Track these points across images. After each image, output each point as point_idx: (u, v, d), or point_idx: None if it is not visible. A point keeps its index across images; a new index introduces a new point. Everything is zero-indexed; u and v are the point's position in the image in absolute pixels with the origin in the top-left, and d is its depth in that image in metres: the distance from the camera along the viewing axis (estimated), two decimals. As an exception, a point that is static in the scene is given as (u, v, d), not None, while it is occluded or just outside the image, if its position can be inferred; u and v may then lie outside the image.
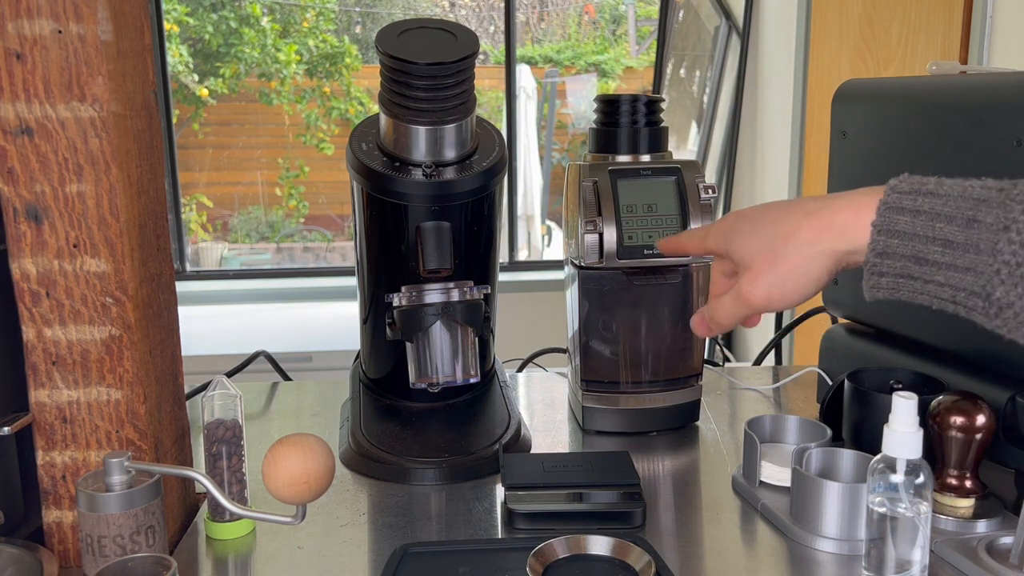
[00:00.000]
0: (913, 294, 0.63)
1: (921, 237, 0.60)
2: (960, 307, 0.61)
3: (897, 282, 0.63)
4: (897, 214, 0.61)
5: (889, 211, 0.62)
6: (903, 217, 0.61)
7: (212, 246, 5.17)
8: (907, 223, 0.61)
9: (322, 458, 0.70)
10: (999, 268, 0.57)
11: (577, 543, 0.77)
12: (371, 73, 5.09)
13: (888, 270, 0.62)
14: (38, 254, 0.74)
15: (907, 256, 0.61)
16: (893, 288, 0.63)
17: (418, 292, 0.95)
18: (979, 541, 0.78)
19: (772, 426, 0.98)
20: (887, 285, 0.63)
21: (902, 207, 0.61)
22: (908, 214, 0.61)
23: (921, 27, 2.33)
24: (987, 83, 0.94)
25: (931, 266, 0.60)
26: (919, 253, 0.61)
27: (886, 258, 0.62)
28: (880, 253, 0.62)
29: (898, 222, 0.61)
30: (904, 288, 0.63)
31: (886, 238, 0.62)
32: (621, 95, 1.06)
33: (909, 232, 0.61)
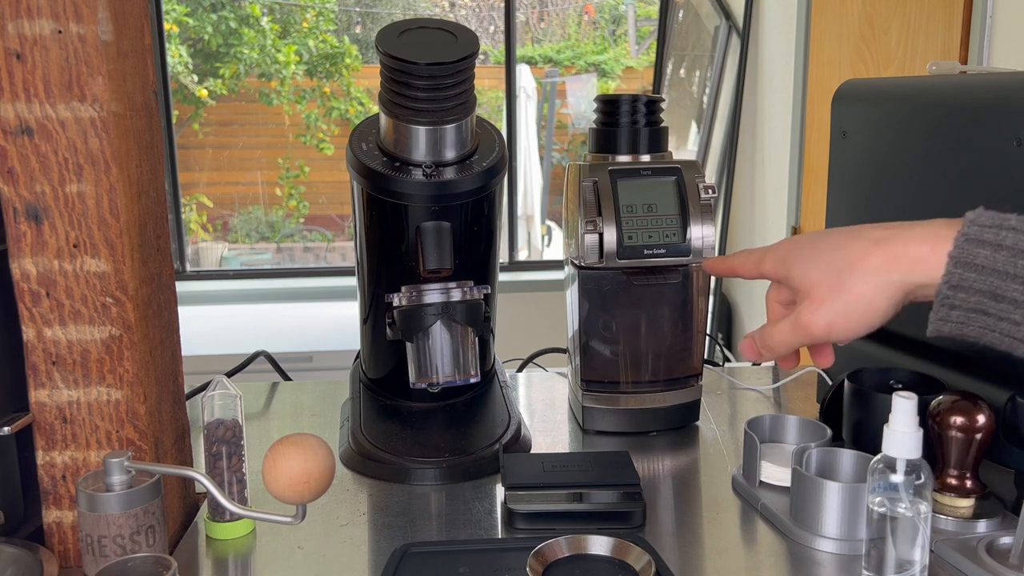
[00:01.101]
0: (983, 331, 0.60)
1: (1001, 273, 0.58)
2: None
3: (968, 316, 0.60)
4: (977, 247, 0.59)
5: (968, 243, 0.60)
6: (983, 251, 0.59)
7: (212, 246, 5.17)
8: (987, 257, 0.59)
9: (322, 458, 0.70)
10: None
11: (577, 543, 0.77)
12: (371, 73, 5.09)
13: (960, 303, 0.60)
14: (38, 254, 0.74)
15: (983, 291, 0.59)
16: (963, 323, 0.61)
17: (418, 292, 0.95)
18: (979, 541, 0.78)
19: (772, 426, 0.98)
20: (957, 319, 0.61)
21: (983, 240, 0.59)
22: (989, 247, 0.59)
23: (921, 27, 2.33)
24: (987, 83, 0.94)
25: (1008, 303, 0.58)
26: (997, 289, 0.58)
27: (960, 291, 0.60)
28: (954, 286, 0.60)
29: (977, 255, 0.59)
30: (975, 323, 0.60)
31: (963, 271, 0.59)
32: (621, 95, 1.06)
33: (989, 267, 0.59)
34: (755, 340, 0.71)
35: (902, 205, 1.02)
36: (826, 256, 0.65)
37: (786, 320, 0.68)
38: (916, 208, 1.00)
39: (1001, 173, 0.88)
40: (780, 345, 0.69)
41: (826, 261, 0.65)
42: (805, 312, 0.66)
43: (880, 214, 1.05)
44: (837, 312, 0.64)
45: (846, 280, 0.64)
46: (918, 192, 0.99)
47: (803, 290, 0.67)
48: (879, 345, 1.05)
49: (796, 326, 0.67)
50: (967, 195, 0.92)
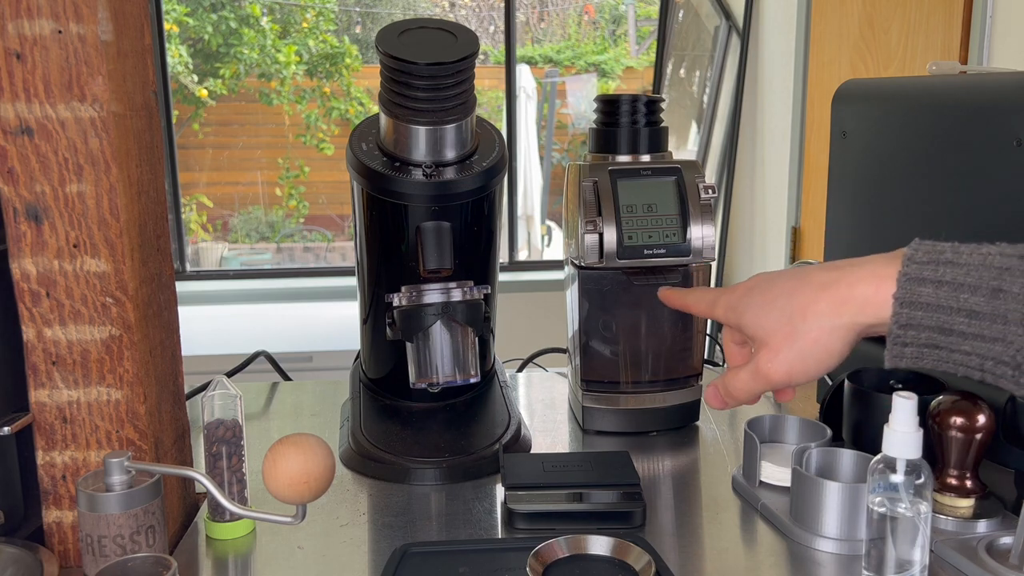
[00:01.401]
0: (938, 363, 0.62)
1: (945, 308, 0.60)
2: (988, 375, 0.60)
3: (921, 351, 0.62)
4: (919, 285, 0.61)
5: (910, 283, 0.61)
6: (925, 288, 0.60)
7: (212, 246, 5.17)
8: (930, 294, 0.60)
9: (322, 458, 0.70)
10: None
11: (577, 543, 0.77)
12: (371, 73, 5.09)
13: (912, 340, 0.62)
14: (38, 254, 0.74)
15: (932, 327, 0.61)
16: (917, 357, 0.63)
17: (418, 292, 0.95)
18: (979, 541, 0.78)
19: (772, 426, 0.98)
20: (911, 355, 0.63)
21: (923, 278, 0.61)
22: (930, 285, 0.60)
23: (921, 27, 2.33)
24: (987, 83, 0.94)
25: (957, 336, 0.60)
26: (944, 324, 0.60)
27: (910, 330, 0.61)
28: (904, 325, 0.61)
29: (921, 294, 0.61)
30: (928, 357, 0.62)
31: (909, 310, 0.61)
32: (621, 95, 1.06)
33: (933, 304, 0.60)
34: (718, 389, 0.73)
35: (902, 205, 1.02)
36: (777, 304, 0.67)
37: (745, 369, 0.69)
38: (916, 208, 1.00)
39: (1001, 173, 0.88)
40: (743, 393, 0.70)
41: (778, 309, 0.67)
42: (763, 361, 0.67)
43: (880, 214, 1.05)
44: (794, 359, 0.66)
45: (799, 327, 0.65)
46: (918, 192, 0.99)
47: (758, 339, 0.68)
48: (879, 345, 1.05)
49: (756, 375, 0.68)
50: (967, 195, 0.92)
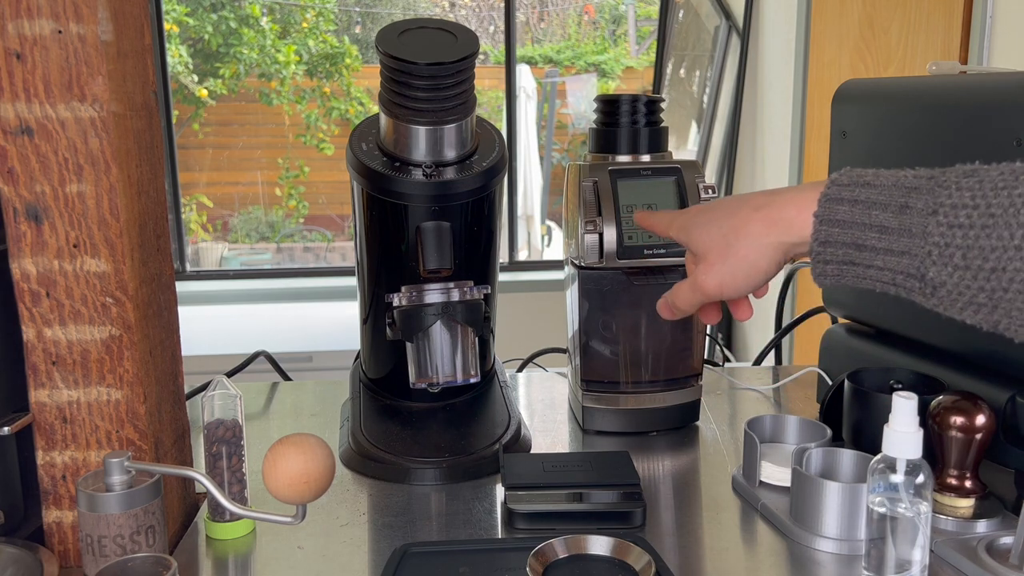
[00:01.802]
0: (857, 279, 0.66)
1: (859, 224, 0.64)
2: (900, 289, 0.64)
3: (841, 268, 0.66)
4: (837, 204, 0.65)
5: (829, 202, 0.65)
6: (842, 207, 0.65)
7: (212, 246, 5.17)
8: (846, 212, 0.64)
9: (322, 458, 0.70)
10: (930, 250, 0.61)
11: (577, 543, 0.77)
12: (371, 73, 5.09)
13: (831, 258, 0.66)
14: (38, 254, 0.74)
15: (848, 244, 0.65)
16: (838, 275, 0.67)
17: (418, 292, 0.95)
18: (979, 541, 0.78)
19: (772, 426, 0.98)
20: (832, 272, 0.67)
21: (841, 198, 0.65)
22: (847, 204, 0.65)
23: (921, 27, 2.33)
24: (987, 83, 0.94)
25: (870, 251, 0.64)
26: (858, 240, 0.64)
27: (829, 247, 0.65)
28: (823, 242, 0.66)
29: (838, 211, 0.65)
30: (848, 274, 0.66)
31: (828, 227, 0.65)
32: (621, 95, 1.06)
33: (848, 220, 0.64)
34: (666, 300, 0.79)
35: (902, 205, 1.01)
36: (716, 223, 0.72)
37: (686, 282, 0.76)
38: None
39: (1001, 173, 0.88)
40: (684, 303, 0.77)
41: (716, 227, 0.72)
42: (700, 274, 0.73)
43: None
44: (726, 273, 0.72)
45: (732, 244, 0.71)
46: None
47: (700, 254, 0.74)
48: (879, 345, 1.05)
49: (693, 286, 0.75)
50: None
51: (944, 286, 0.61)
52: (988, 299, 0.59)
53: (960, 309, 0.61)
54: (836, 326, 1.16)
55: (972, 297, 0.60)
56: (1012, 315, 0.59)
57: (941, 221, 0.60)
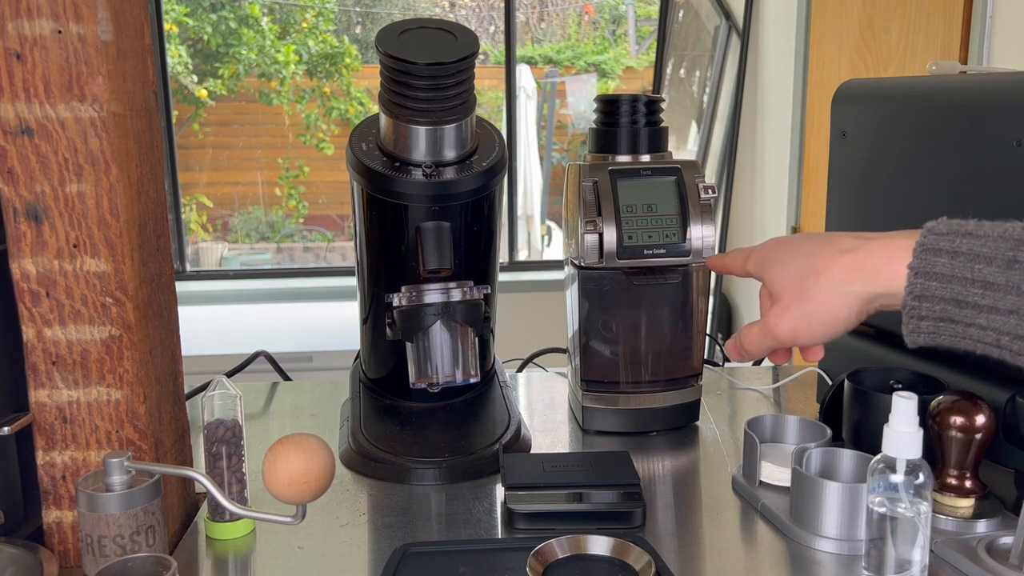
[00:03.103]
0: (955, 339, 0.61)
1: (960, 279, 0.59)
2: (1005, 351, 0.59)
3: (938, 326, 0.61)
4: (935, 256, 0.60)
5: (926, 253, 0.60)
6: (940, 259, 0.60)
7: (212, 246, 5.17)
8: (945, 264, 0.59)
9: (322, 458, 0.70)
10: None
11: (577, 543, 0.77)
12: (371, 73, 5.09)
13: (927, 314, 0.61)
14: (38, 254, 0.74)
15: (946, 299, 0.60)
16: (934, 332, 0.61)
17: (418, 292, 0.95)
18: (979, 541, 0.78)
19: (772, 426, 0.98)
20: (927, 329, 0.62)
21: (939, 248, 0.60)
22: (946, 255, 0.59)
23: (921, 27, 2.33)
24: (987, 83, 0.94)
25: (972, 309, 0.59)
26: (959, 296, 0.59)
27: (924, 301, 0.60)
28: (918, 296, 0.61)
29: (936, 264, 0.60)
30: (945, 332, 0.61)
31: (924, 280, 0.60)
32: (621, 95, 1.06)
33: (947, 274, 0.59)
34: (735, 341, 0.74)
35: (902, 205, 1.02)
36: (797, 263, 0.67)
37: (758, 324, 0.71)
38: (916, 208, 0.99)
39: (1001, 173, 0.88)
40: (753, 347, 0.72)
41: (796, 267, 0.67)
42: (772, 317, 0.68)
43: (880, 214, 1.05)
44: (800, 318, 0.66)
45: (811, 288, 0.66)
46: (918, 192, 0.99)
47: (774, 294, 0.69)
48: (879, 345, 1.05)
49: (764, 330, 0.69)
50: (967, 195, 0.92)
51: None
52: None
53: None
54: (836, 326, 1.16)
55: None
56: None
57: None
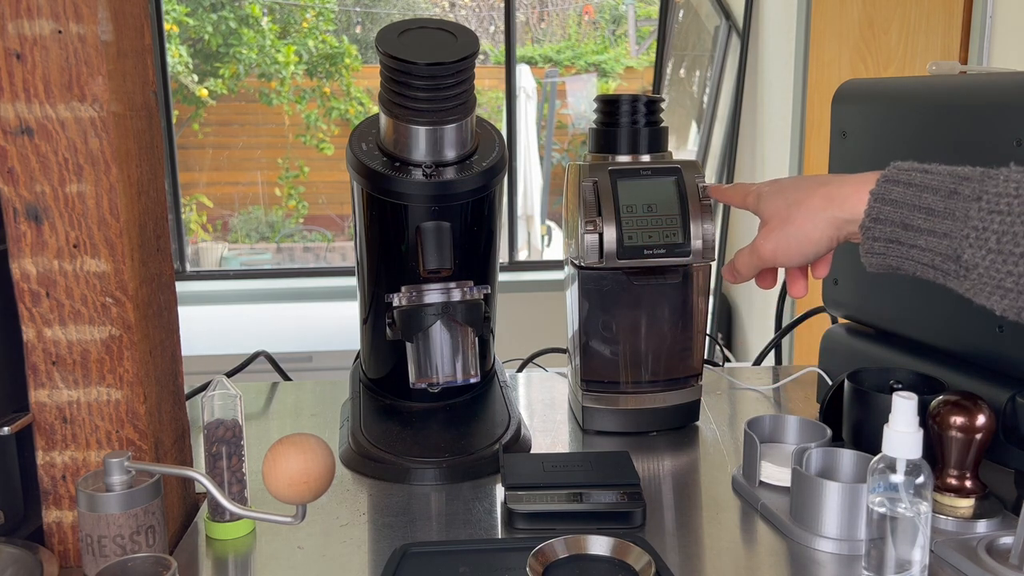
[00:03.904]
0: (900, 259, 0.69)
1: (910, 205, 0.68)
2: (938, 271, 0.67)
3: (887, 247, 0.69)
4: (893, 185, 0.69)
5: (886, 183, 0.70)
6: (897, 188, 0.69)
7: (212, 246, 5.17)
8: (900, 192, 0.68)
9: (322, 458, 0.70)
10: (968, 232, 0.64)
11: (577, 543, 0.77)
12: (371, 73, 5.09)
13: (880, 235, 0.69)
14: (38, 254, 0.74)
15: (896, 223, 0.68)
16: (883, 253, 0.70)
17: (418, 292, 0.95)
18: (979, 541, 0.78)
19: (772, 426, 0.98)
20: (879, 250, 0.70)
21: (898, 180, 0.69)
22: (902, 185, 0.68)
23: (921, 27, 2.33)
24: (987, 83, 0.94)
25: (915, 231, 0.67)
26: (906, 220, 0.68)
27: (879, 223, 0.69)
28: (874, 219, 0.69)
29: (892, 191, 0.69)
30: (893, 253, 0.69)
31: (880, 205, 0.69)
32: (621, 95, 1.06)
33: (900, 200, 0.68)
34: (729, 265, 0.84)
35: (902, 205, 1.01)
36: (783, 194, 0.77)
37: (747, 247, 0.80)
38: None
39: (1001, 173, 0.88)
40: (743, 266, 0.81)
41: (783, 198, 0.77)
42: (760, 238, 0.78)
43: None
44: (781, 239, 0.76)
45: (793, 214, 0.76)
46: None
47: (764, 220, 0.79)
48: (879, 345, 1.05)
49: (752, 250, 0.79)
50: (967, 195, 0.92)
51: (976, 268, 0.63)
52: (1015, 284, 0.62)
53: (988, 294, 0.64)
54: (836, 326, 1.16)
55: (1000, 281, 0.63)
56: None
57: (983, 207, 0.63)
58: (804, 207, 0.74)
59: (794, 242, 0.75)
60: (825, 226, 0.73)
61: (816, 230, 0.74)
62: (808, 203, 0.74)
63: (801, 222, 0.74)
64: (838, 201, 0.73)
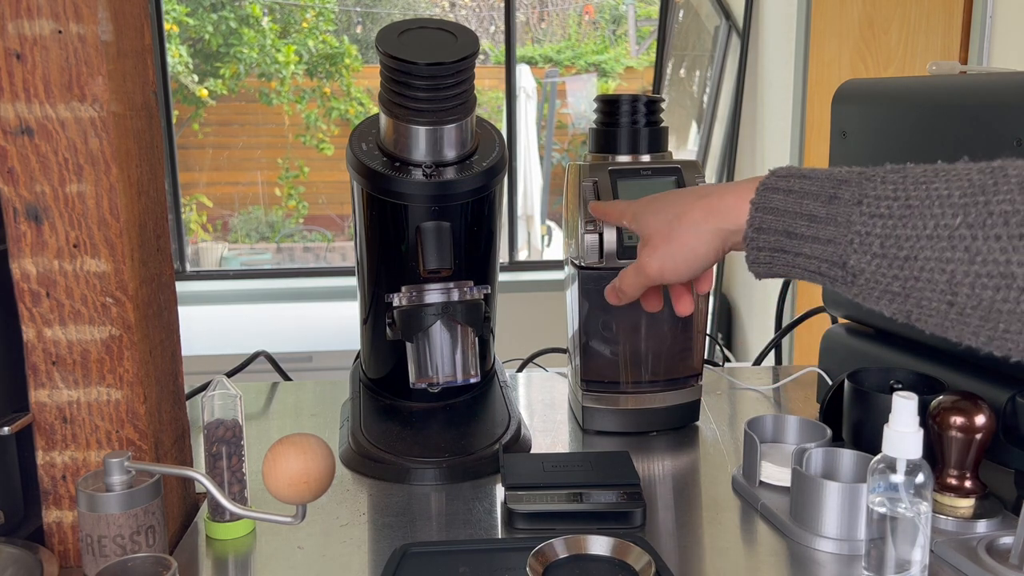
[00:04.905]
0: (787, 268, 0.68)
1: (791, 213, 0.66)
2: (825, 278, 0.66)
3: (773, 256, 0.68)
4: (772, 193, 0.67)
5: (766, 191, 0.68)
6: (777, 196, 0.67)
7: (212, 246, 5.17)
8: (780, 200, 0.67)
9: (322, 458, 0.70)
10: (852, 238, 0.63)
11: (577, 543, 0.77)
12: (371, 73, 5.09)
13: (764, 245, 0.68)
14: (38, 254, 0.74)
15: (779, 231, 0.67)
16: (770, 263, 0.69)
17: (418, 292, 0.95)
18: (979, 541, 0.78)
19: (772, 426, 0.98)
20: (765, 260, 0.69)
21: (777, 187, 0.67)
22: (782, 193, 0.67)
23: (921, 27, 2.33)
24: (987, 83, 0.94)
25: (799, 239, 0.66)
26: (789, 228, 0.66)
27: (762, 233, 0.68)
28: (757, 228, 0.68)
29: (772, 200, 0.67)
30: (779, 262, 0.68)
31: (762, 214, 0.68)
32: (621, 95, 1.06)
33: (781, 208, 0.67)
34: (612, 286, 0.82)
35: (902, 205, 1.01)
36: (663, 211, 0.76)
37: (632, 266, 0.78)
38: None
39: (1001, 173, 0.88)
40: (628, 286, 0.79)
41: (663, 214, 0.75)
42: (643, 257, 0.76)
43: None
44: (667, 256, 0.74)
45: (675, 229, 0.74)
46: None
47: (645, 238, 0.77)
48: (879, 345, 1.05)
49: (637, 269, 0.77)
50: (967, 195, 0.92)
51: (863, 274, 0.62)
52: (901, 288, 0.61)
53: (877, 298, 0.63)
54: (836, 326, 1.16)
55: (887, 286, 0.62)
56: (922, 304, 0.60)
57: (864, 211, 0.62)
58: (686, 221, 0.73)
59: (680, 257, 0.74)
60: (710, 238, 0.72)
61: (701, 244, 0.72)
62: (689, 216, 0.73)
63: (685, 237, 0.73)
64: (720, 212, 0.71)
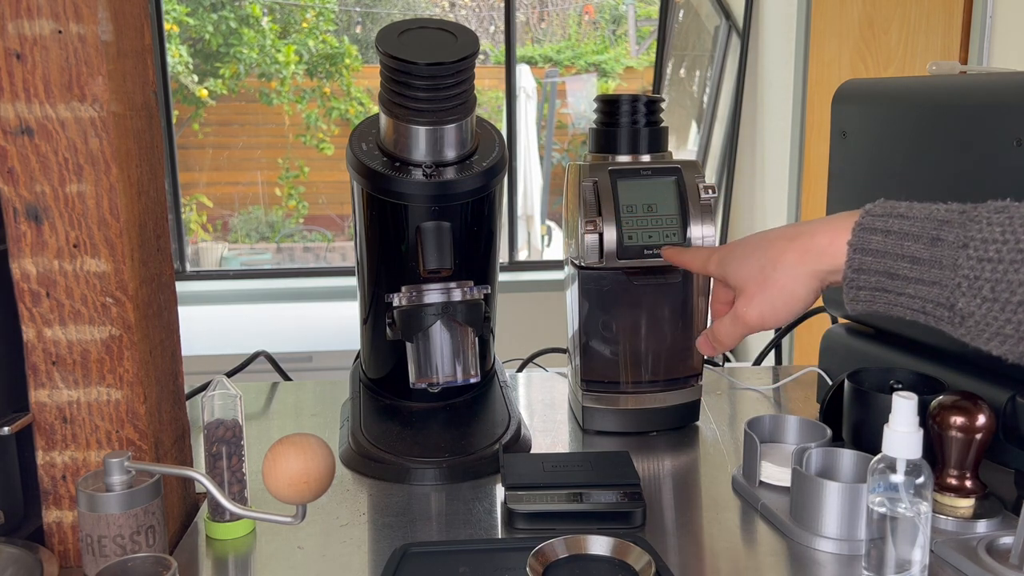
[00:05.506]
0: (888, 306, 0.68)
1: (892, 255, 0.67)
2: (930, 317, 0.66)
3: (874, 295, 0.69)
4: (871, 234, 0.68)
5: (863, 232, 0.68)
6: (876, 237, 0.67)
7: (212, 246, 5.17)
8: (879, 242, 0.67)
9: (322, 458, 0.70)
10: (960, 282, 0.63)
11: (577, 543, 0.77)
12: (371, 73, 5.09)
13: (864, 284, 0.68)
14: (38, 254, 0.74)
15: (880, 272, 0.67)
16: (870, 301, 0.69)
17: (418, 292, 0.95)
18: (979, 541, 0.78)
19: (772, 426, 0.98)
20: (865, 298, 0.69)
21: (875, 228, 0.68)
22: (880, 234, 0.67)
23: (921, 27, 2.33)
24: (987, 83, 0.94)
25: (902, 280, 0.66)
26: (891, 269, 0.67)
27: (862, 274, 0.68)
28: (856, 269, 0.68)
29: (871, 241, 0.68)
30: (880, 301, 0.69)
31: (861, 256, 0.68)
32: (621, 95, 1.06)
33: (881, 250, 0.67)
34: (707, 336, 0.82)
35: (902, 205, 1.01)
36: (753, 255, 0.75)
37: (728, 316, 0.79)
38: (916, 208, 0.99)
39: (1001, 173, 0.88)
40: (726, 337, 0.80)
41: (754, 260, 0.75)
42: (740, 307, 0.76)
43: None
44: (765, 303, 0.74)
45: (769, 275, 0.74)
46: (918, 192, 0.99)
47: (738, 288, 0.77)
48: (879, 345, 1.05)
49: (735, 319, 0.77)
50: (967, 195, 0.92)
51: (972, 316, 0.63)
52: (1015, 331, 0.62)
53: (987, 340, 0.64)
54: (836, 326, 1.16)
55: (999, 328, 0.63)
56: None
57: (971, 255, 0.63)
58: (780, 265, 0.72)
59: (780, 304, 0.73)
60: (807, 280, 0.72)
61: (800, 287, 0.72)
62: (783, 260, 0.72)
63: (782, 281, 0.72)
64: (814, 254, 0.71)
